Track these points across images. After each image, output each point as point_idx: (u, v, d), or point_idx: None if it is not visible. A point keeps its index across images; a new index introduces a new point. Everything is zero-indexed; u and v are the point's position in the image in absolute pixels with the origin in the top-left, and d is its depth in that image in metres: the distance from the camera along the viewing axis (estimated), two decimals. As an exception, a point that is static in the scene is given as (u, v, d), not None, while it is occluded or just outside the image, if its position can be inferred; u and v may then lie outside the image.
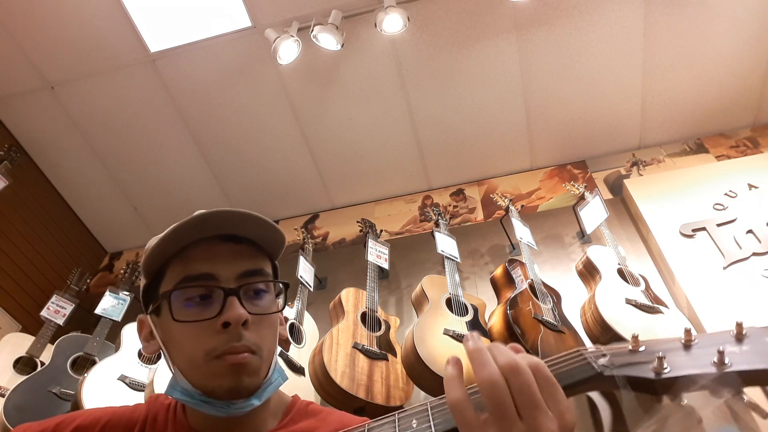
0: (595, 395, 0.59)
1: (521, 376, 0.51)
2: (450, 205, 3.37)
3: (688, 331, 0.58)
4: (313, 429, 0.80)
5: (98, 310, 2.70)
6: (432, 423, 0.57)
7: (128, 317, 2.71)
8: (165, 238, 0.71)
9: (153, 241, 0.75)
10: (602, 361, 0.58)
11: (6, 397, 2.20)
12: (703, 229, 2.49)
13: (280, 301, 0.80)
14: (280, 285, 0.80)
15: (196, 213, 0.72)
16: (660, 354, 0.55)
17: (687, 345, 0.57)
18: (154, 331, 0.77)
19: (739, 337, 0.56)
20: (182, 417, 0.80)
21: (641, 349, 0.58)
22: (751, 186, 2.62)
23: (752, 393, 0.53)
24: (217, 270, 0.73)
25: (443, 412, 0.58)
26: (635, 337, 0.59)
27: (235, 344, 0.70)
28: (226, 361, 0.70)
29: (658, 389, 0.55)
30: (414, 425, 0.59)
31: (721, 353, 0.53)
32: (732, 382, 0.53)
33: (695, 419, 0.53)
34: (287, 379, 0.80)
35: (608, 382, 0.57)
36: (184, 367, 0.73)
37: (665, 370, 0.54)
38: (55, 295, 2.81)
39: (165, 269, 0.75)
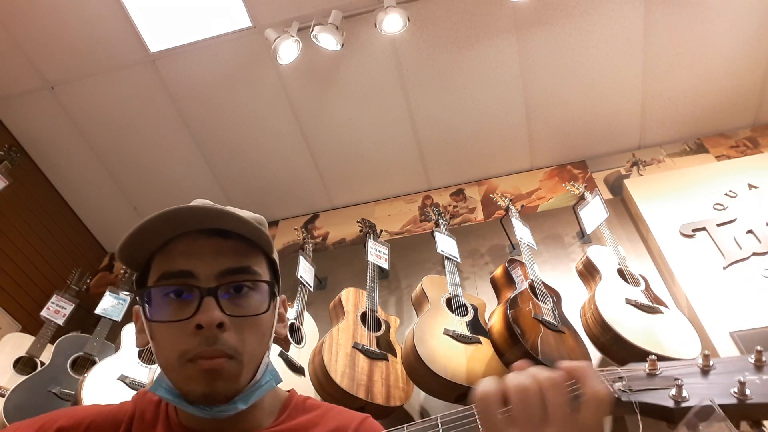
0: None
1: (557, 389, 0.54)
2: (450, 205, 3.37)
3: (706, 356, 0.56)
4: (311, 425, 0.77)
5: (98, 310, 2.70)
6: None
7: (128, 317, 2.71)
8: (130, 238, 0.68)
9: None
10: (619, 384, 0.56)
11: (6, 397, 2.20)
12: (703, 229, 2.49)
13: (266, 302, 0.74)
14: (265, 284, 0.73)
15: (162, 211, 0.68)
16: (679, 381, 0.54)
17: (705, 370, 0.56)
18: (144, 325, 0.74)
19: (758, 364, 0.54)
20: (173, 414, 0.77)
21: (659, 372, 0.57)
22: (751, 186, 2.62)
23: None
24: (196, 267, 0.69)
25: (454, 426, 0.56)
26: (653, 361, 0.57)
27: (207, 348, 0.66)
28: (199, 366, 0.66)
29: (676, 418, 0.53)
30: None
31: (742, 384, 0.52)
32: (752, 414, 0.51)
33: None
34: (281, 381, 0.77)
35: (625, 408, 0.56)
36: (163, 366, 0.71)
37: (684, 399, 0.53)
38: (55, 295, 2.81)
39: (150, 263, 0.72)
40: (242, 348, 0.69)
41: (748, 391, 0.51)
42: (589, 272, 2.37)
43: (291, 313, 2.45)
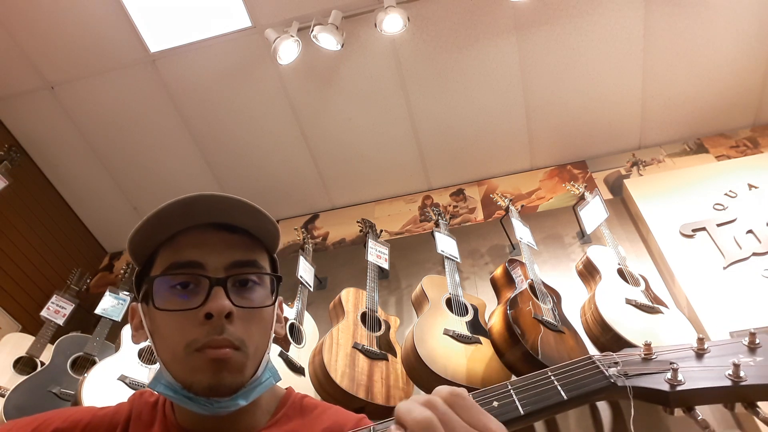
0: None
1: (439, 407, 0.51)
2: (450, 205, 3.37)
3: (701, 340, 0.56)
4: (308, 424, 0.77)
5: (98, 310, 2.70)
6: None
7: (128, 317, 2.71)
8: (146, 223, 0.69)
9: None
10: (615, 369, 0.56)
11: (6, 397, 2.20)
12: (703, 229, 2.49)
13: (270, 296, 0.75)
14: (270, 278, 0.75)
15: (181, 197, 0.69)
16: (675, 365, 0.54)
17: (699, 354, 0.56)
18: (143, 320, 0.74)
19: (752, 346, 0.55)
20: (170, 414, 0.77)
21: (654, 357, 0.57)
22: (751, 186, 2.62)
23: (765, 406, 0.52)
24: (205, 258, 0.70)
25: None
26: (648, 345, 0.57)
27: (216, 337, 0.67)
28: (206, 355, 0.67)
29: (671, 401, 0.54)
30: None
31: (736, 366, 0.52)
32: (747, 396, 0.52)
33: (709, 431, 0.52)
34: (280, 379, 0.77)
35: (621, 393, 0.56)
36: (167, 359, 0.70)
37: (680, 383, 0.53)
38: (55, 295, 2.81)
39: (155, 255, 0.72)
40: (248, 340, 0.70)
41: (742, 373, 0.52)
42: (589, 272, 2.37)
43: (291, 313, 2.45)
